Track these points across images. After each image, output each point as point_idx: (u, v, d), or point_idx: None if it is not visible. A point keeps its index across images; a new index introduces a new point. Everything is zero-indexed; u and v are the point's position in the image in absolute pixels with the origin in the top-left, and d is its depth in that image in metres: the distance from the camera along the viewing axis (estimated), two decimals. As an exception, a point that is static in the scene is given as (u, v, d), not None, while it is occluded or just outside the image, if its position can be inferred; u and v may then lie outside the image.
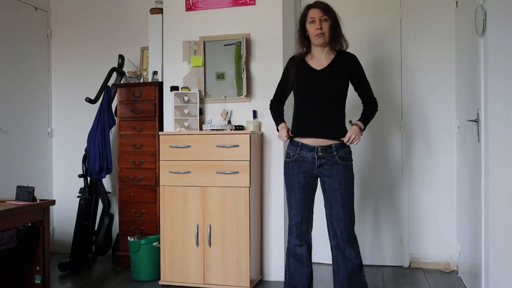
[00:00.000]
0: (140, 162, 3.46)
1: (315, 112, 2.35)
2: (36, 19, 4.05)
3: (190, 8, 3.37)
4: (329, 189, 2.35)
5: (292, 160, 2.39)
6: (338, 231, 2.34)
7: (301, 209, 2.38)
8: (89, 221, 3.65)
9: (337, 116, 2.38)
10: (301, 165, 2.36)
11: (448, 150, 3.40)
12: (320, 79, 2.35)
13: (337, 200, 2.33)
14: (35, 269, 2.81)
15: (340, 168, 2.34)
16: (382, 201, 3.52)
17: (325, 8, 2.35)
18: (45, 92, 4.14)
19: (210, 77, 3.30)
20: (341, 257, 2.37)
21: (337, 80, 2.35)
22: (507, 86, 2.37)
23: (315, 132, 2.34)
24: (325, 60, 2.40)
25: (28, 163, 3.92)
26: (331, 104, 2.35)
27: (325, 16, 2.32)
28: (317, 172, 2.36)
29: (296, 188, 2.38)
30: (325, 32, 2.33)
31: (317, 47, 2.39)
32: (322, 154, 2.32)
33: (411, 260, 3.48)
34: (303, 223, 2.39)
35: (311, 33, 2.36)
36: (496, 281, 2.38)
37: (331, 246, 2.42)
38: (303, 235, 2.41)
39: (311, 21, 2.34)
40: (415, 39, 3.46)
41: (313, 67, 2.39)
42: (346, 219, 2.33)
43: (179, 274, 3.01)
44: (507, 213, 2.36)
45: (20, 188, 2.79)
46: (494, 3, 2.38)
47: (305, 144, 2.35)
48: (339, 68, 2.37)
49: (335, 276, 2.42)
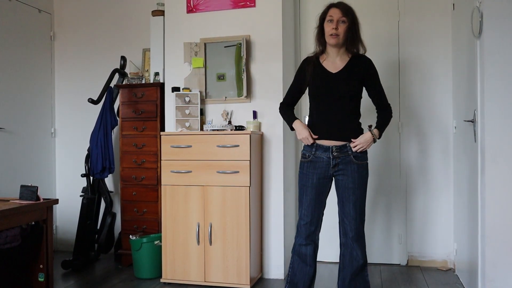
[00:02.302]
0: (142, 161, 3.50)
1: (330, 115, 2.35)
2: (40, 21, 4.09)
3: (191, 10, 3.41)
4: (342, 188, 2.36)
5: (307, 160, 2.38)
6: (348, 229, 2.36)
7: (311, 209, 2.38)
8: (92, 220, 3.68)
9: (352, 117, 2.38)
10: (316, 166, 2.36)
11: (445, 150, 3.44)
12: (335, 82, 2.35)
13: (349, 198, 2.34)
14: (38, 267, 2.84)
15: (354, 167, 2.34)
16: (380, 200, 3.56)
17: (346, 9, 2.33)
18: (48, 93, 4.19)
19: (211, 78, 3.34)
20: (348, 256, 2.39)
21: (351, 85, 2.34)
22: (503, 87, 2.39)
23: (331, 134, 2.35)
24: (340, 62, 2.39)
25: (31, 163, 3.96)
26: (346, 106, 2.34)
27: (343, 17, 2.30)
28: (332, 172, 2.36)
29: (309, 188, 2.37)
30: (339, 34, 2.30)
31: (332, 47, 2.37)
32: (337, 154, 2.32)
33: (409, 259, 3.51)
34: (312, 223, 2.39)
35: (326, 32, 2.33)
36: (492, 279, 2.41)
37: (340, 243, 2.44)
38: (311, 235, 2.41)
39: (329, 20, 2.32)
40: (412, 41, 3.49)
41: (328, 70, 2.38)
42: (357, 217, 2.35)
43: (180, 272, 3.05)
44: (503, 212, 2.39)
45: (24, 187, 2.83)
46: (490, 5, 2.40)
47: (320, 144, 2.35)
48: (353, 72, 2.36)
49: (340, 273, 2.45)
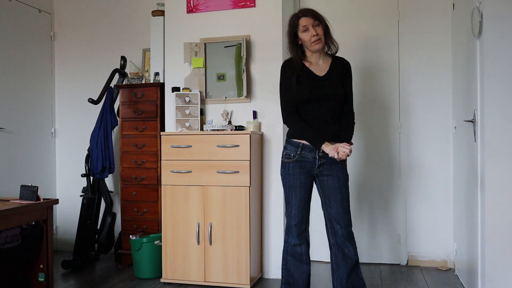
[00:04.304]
0: (142, 161, 3.51)
1: (317, 116, 2.37)
2: (40, 21, 4.10)
3: (191, 10, 3.41)
4: (329, 188, 2.38)
5: (292, 160, 2.41)
6: (338, 228, 2.38)
7: (301, 208, 2.41)
8: (92, 220, 3.69)
9: (337, 120, 2.40)
10: (302, 166, 2.39)
11: (444, 150, 3.44)
12: (323, 85, 2.37)
13: (337, 198, 2.36)
14: (38, 267, 2.84)
15: (339, 167, 2.38)
16: (380, 200, 3.56)
17: (315, 14, 2.37)
18: (48, 93, 4.19)
19: (211, 78, 3.34)
20: (341, 255, 2.40)
21: (337, 86, 2.38)
22: (503, 87, 2.39)
23: None
24: (324, 65, 2.42)
25: (31, 163, 3.96)
26: (332, 108, 2.37)
27: (316, 21, 2.35)
28: (316, 172, 2.39)
29: (298, 188, 2.40)
30: (321, 37, 2.35)
31: (315, 53, 2.40)
32: (323, 154, 2.34)
33: (409, 258, 3.52)
34: (303, 222, 2.43)
35: (307, 41, 2.36)
36: (492, 279, 2.41)
37: (330, 244, 2.46)
38: (303, 234, 2.45)
39: (304, 30, 2.35)
40: (412, 41, 3.50)
41: (315, 73, 2.40)
42: (345, 216, 2.37)
43: (180, 272, 3.05)
44: (502, 211, 2.40)
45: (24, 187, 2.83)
46: (490, 5, 2.41)
47: (306, 144, 2.37)
48: (338, 74, 2.41)
49: (334, 273, 2.46)
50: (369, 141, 3.58)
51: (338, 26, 3.51)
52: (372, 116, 3.57)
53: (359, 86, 3.44)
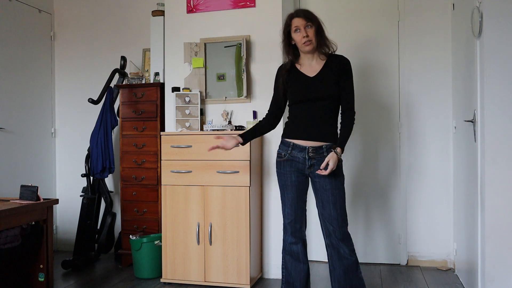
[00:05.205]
0: (142, 161, 3.51)
1: (308, 117, 2.37)
2: (40, 21, 4.10)
3: (191, 11, 3.41)
4: (320, 189, 2.37)
5: (283, 159, 2.42)
6: (331, 229, 2.37)
7: (294, 207, 2.42)
8: (92, 220, 3.69)
9: (330, 120, 2.39)
10: (293, 165, 2.39)
11: (444, 150, 3.44)
12: (313, 85, 2.37)
13: (329, 199, 2.35)
14: (38, 267, 2.85)
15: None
16: (380, 200, 3.56)
17: (308, 15, 2.37)
18: (48, 93, 4.19)
19: (211, 78, 3.34)
20: (336, 255, 2.39)
21: (328, 86, 2.36)
22: (503, 87, 2.39)
23: (307, 135, 2.36)
24: (316, 65, 2.42)
25: (31, 163, 3.96)
26: (324, 108, 2.37)
27: (309, 23, 2.35)
28: (308, 172, 2.39)
29: (289, 187, 2.42)
30: (312, 39, 2.35)
31: (306, 54, 2.41)
32: (313, 154, 2.35)
33: (409, 258, 3.52)
34: (296, 221, 2.43)
35: (298, 42, 2.37)
36: (492, 279, 2.41)
37: (325, 244, 2.45)
38: (298, 232, 2.45)
39: (296, 30, 2.36)
40: (412, 41, 3.50)
41: (305, 74, 2.41)
42: (338, 218, 2.35)
43: (180, 272, 3.05)
44: (502, 212, 2.39)
45: (24, 187, 2.84)
46: (490, 5, 2.41)
47: (296, 144, 2.38)
48: (330, 73, 2.38)
49: (331, 274, 2.45)
50: (369, 141, 3.58)
51: (338, 26, 3.54)
52: (372, 116, 3.57)
53: (359, 86, 3.44)
